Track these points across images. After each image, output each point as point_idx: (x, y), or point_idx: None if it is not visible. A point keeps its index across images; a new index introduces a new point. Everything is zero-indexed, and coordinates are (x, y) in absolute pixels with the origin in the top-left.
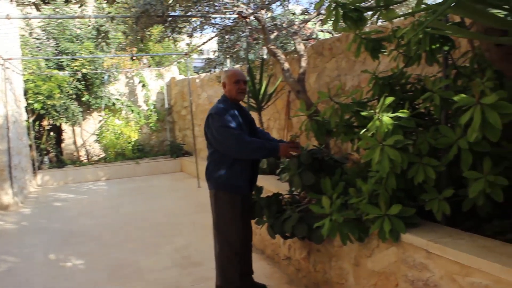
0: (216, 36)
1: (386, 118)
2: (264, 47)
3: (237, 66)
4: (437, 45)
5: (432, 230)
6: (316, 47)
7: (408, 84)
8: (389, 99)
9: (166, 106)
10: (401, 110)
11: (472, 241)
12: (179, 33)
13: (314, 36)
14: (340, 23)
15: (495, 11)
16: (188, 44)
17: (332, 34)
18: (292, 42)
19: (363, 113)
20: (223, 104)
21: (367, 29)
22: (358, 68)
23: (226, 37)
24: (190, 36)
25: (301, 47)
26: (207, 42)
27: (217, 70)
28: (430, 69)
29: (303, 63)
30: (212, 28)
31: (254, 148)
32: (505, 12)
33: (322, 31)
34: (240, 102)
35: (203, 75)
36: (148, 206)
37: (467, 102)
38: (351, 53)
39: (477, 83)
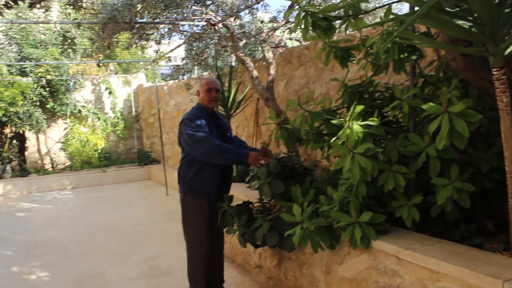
0: (184, 43)
1: (357, 126)
2: (232, 55)
3: (205, 73)
4: (405, 54)
5: (402, 236)
6: (285, 55)
7: (376, 92)
8: (359, 107)
9: (134, 113)
10: (371, 118)
11: (441, 246)
12: (147, 40)
13: (282, 44)
14: (309, 32)
15: (460, 22)
16: (156, 51)
17: (300, 42)
18: (261, 49)
19: (333, 121)
20: (196, 111)
21: (335, 38)
22: (326, 76)
23: (195, 44)
24: (158, 43)
25: (270, 54)
26: (175, 49)
27: (186, 77)
28: (397, 78)
29: (272, 71)
30: (180, 35)
31: (223, 152)
32: (470, 24)
33: (290, 39)
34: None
35: (171, 82)
36: (115, 215)
37: (435, 110)
38: (320, 61)
39: (445, 92)
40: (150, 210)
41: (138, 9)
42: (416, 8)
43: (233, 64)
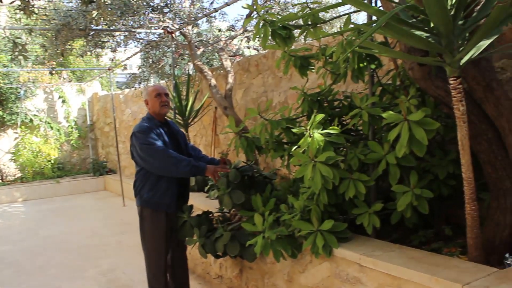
0: (140, 51)
1: (317, 134)
2: (190, 63)
3: (162, 81)
4: (365, 64)
5: (363, 243)
6: (243, 64)
7: (335, 101)
8: (320, 116)
9: (88, 122)
10: (331, 127)
11: (402, 252)
12: (102, 47)
13: (240, 52)
14: (269, 40)
15: (418, 32)
16: (112, 59)
17: (258, 50)
18: (218, 58)
19: (294, 130)
20: (147, 122)
21: (294, 47)
22: (284, 84)
23: (151, 52)
24: (114, 50)
25: (228, 63)
26: (131, 57)
27: (142, 86)
28: (354, 86)
29: (230, 79)
30: (136, 42)
31: (179, 165)
32: (427, 34)
33: (248, 47)
34: (169, 118)
35: (126, 90)
36: (70, 227)
37: (395, 119)
38: (278, 69)
39: (403, 101)
40: (107, 221)
41: (93, 15)
42: (375, 18)
43: (191, 72)
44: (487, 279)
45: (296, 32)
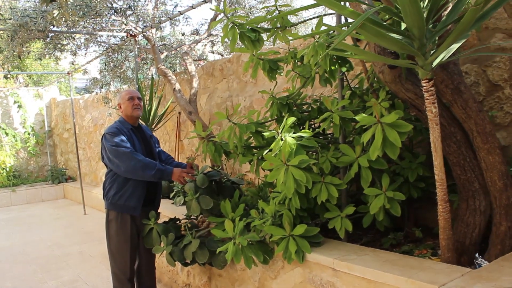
0: (102, 54)
1: (289, 138)
2: (152, 67)
3: (125, 86)
4: (336, 66)
5: (336, 248)
6: (207, 68)
7: (304, 104)
8: (291, 119)
9: (46, 128)
10: (303, 130)
11: (375, 255)
12: (62, 50)
13: (204, 57)
14: (237, 43)
15: (392, 35)
16: (72, 63)
17: (222, 55)
18: (183, 62)
19: (265, 134)
20: (119, 124)
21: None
22: (250, 89)
23: (113, 56)
24: (74, 54)
25: (192, 67)
26: (92, 60)
27: (103, 91)
28: (321, 90)
29: (195, 84)
30: (98, 46)
31: (145, 168)
32: (399, 36)
33: (212, 52)
34: (140, 123)
35: (87, 95)
36: (28, 237)
37: (368, 121)
38: (243, 74)
39: (375, 103)
40: (67, 230)
41: (54, 15)
42: (345, 20)
43: (154, 76)
44: (462, 279)
45: (265, 35)
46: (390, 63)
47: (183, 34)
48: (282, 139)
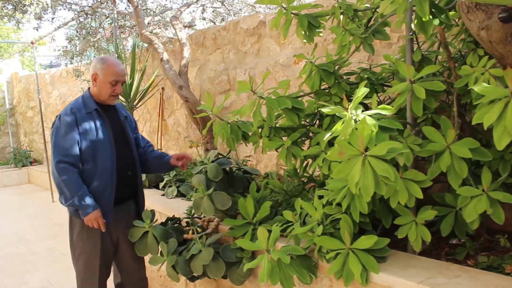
0: (73, 19)
1: (368, 117)
2: (130, 38)
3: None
4: (429, 17)
5: (409, 264)
6: (196, 37)
7: (350, 74)
8: (363, 90)
9: (7, 106)
10: (381, 106)
11: (473, 278)
12: (24, 12)
13: (193, 24)
14: None
15: None
16: (36, 28)
17: (214, 23)
18: (164, 30)
19: (325, 110)
20: (79, 105)
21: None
22: (250, 60)
23: (86, 21)
24: (39, 18)
25: (183, 34)
26: (61, 27)
27: (74, 63)
28: (356, 58)
29: (186, 53)
30: (67, 10)
31: (65, 192)
32: None
33: (203, 18)
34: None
35: (53, 70)
36: None
37: (499, 93)
38: (241, 43)
39: (509, 70)
40: (33, 222)
41: None
42: None
43: (130, 48)
44: None
45: None
46: None
47: None
48: (354, 119)
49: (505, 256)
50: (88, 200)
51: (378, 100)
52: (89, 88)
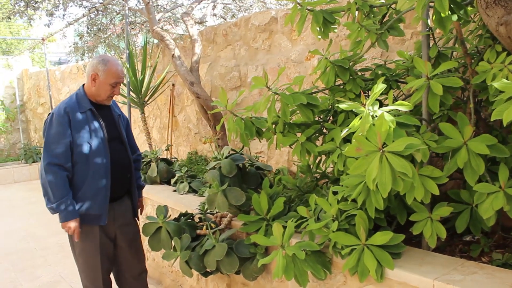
0: (84, 16)
1: (387, 114)
2: (140, 34)
3: (112, 53)
4: (448, 13)
5: (424, 260)
6: (207, 34)
7: (365, 70)
8: (381, 86)
9: (18, 102)
10: (399, 102)
11: (490, 275)
12: (36, 9)
13: (204, 20)
14: None
15: None
16: (47, 25)
17: (225, 19)
18: (182, 25)
19: (342, 106)
20: (73, 104)
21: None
22: (262, 56)
23: (97, 17)
24: (50, 14)
25: (194, 30)
26: (73, 23)
27: (86, 59)
28: (369, 54)
29: (197, 49)
30: (78, 6)
31: (49, 188)
32: None
33: (215, 15)
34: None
35: (63, 66)
36: None
37: None
38: (253, 39)
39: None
40: (43, 217)
41: None
42: None
43: (142, 45)
44: None
45: None
46: None
47: None
48: (372, 115)
49: None
50: (70, 208)
51: (393, 96)
52: (83, 85)
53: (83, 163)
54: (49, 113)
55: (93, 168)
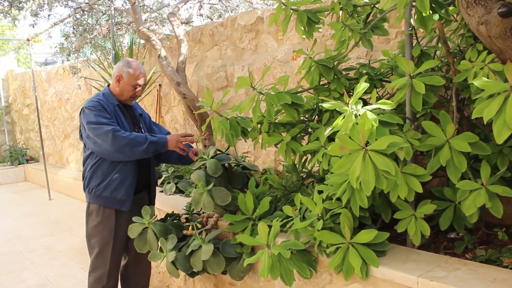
0: (70, 16)
1: (369, 112)
2: (126, 34)
3: (98, 54)
4: (429, 12)
5: (409, 258)
6: (193, 34)
7: (349, 70)
8: (364, 85)
9: (3, 104)
10: (381, 101)
11: (473, 271)
12: (20, 9)
13: (190, 21)
14: None
15: None
16: (32, 25)
17: (211, 19)
18: (169, 25)
19: (325, 105)
20: (102, 97)
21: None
22: (248, 57)
23: (83, 18)
24: (35, 15)
25: (180, 30)
26: (58, 23)
27: (71, 60)
28: (358, 52)
29: (184, 50)
30: (64, 6)
31: (133, 143)
32: None
33: (201, 15)
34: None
35: (49, 67)
36: None
37: (498, 88)
38: (239, 39)
39: (509, 64)
40: (30, 219)
41: None
42: None
43: (128, 45)
44: None
45: None
46: None
47: None
48: (355, 114)
49: (503, 250)
50: (155, 138)
51: (377, 95)
52: (108, 85)
53: None
54: (81, 109)
55: None
